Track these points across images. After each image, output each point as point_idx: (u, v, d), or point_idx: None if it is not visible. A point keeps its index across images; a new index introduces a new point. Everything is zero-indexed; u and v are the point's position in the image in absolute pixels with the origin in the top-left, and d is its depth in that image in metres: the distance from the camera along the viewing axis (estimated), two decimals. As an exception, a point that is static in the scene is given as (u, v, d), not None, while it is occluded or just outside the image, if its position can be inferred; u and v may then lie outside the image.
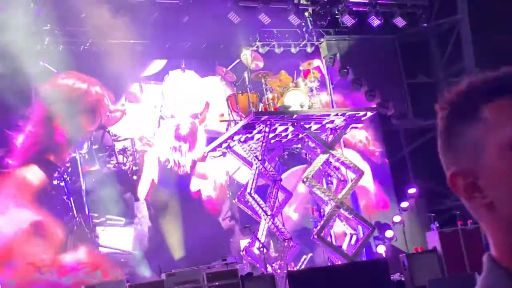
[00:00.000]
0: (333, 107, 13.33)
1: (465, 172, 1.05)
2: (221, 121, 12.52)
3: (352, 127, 12.24)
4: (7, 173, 12.32)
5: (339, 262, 11.42)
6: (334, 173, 12.41)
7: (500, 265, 1.04)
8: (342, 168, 12.46)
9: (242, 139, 11.83)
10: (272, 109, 11.54)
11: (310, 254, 13.17)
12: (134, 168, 13.83)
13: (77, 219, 12.82)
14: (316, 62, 13.15)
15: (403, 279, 11.90)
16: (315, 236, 11.39)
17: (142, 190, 13.62)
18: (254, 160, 11.64)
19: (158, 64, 14.41)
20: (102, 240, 12.99)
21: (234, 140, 11.97)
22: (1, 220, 11.98)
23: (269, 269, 10.88)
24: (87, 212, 12.86)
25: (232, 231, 14.08)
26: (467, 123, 1.07)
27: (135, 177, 13.78)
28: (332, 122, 11.99)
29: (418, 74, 16.40)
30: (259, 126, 11.39)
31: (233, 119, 11.88)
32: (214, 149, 12.71)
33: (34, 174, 12.59)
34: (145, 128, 14.02)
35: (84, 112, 13.18)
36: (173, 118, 14.24)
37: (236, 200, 12.47)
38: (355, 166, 12.10)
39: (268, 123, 11.32)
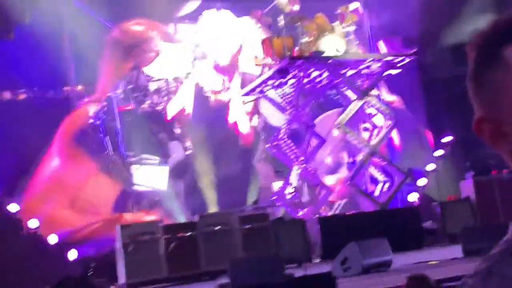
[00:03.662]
0: (370, 52, 13.08)
1: (491, 117, 1.03)
2: (256, 64, 12.40)
3: (388, 73, 12.04)
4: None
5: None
6: (368, 119, 12.29)
7: None
8: (378, 115, 12.31)
9: (275, 84, 11.74)
10: (307, 54, 11.38)
11: (345, 200, 13.16)
12: (166, 109, 13.92)
13: (113, 157, 13.04)
14: (354, 5, 12.81)
15: (435, 227, 11.88)
16: (348, 183, 11.39)
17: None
18: (287, 105, 11.57)
19: (192, 4, 14.25)
20: (137, 178, 13.21)
21: (267, 85, 11.88)
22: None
23: (300, 214, 10.94)
24: (122, 151, 13.06)
25: (264, 174, 14.12)
26: (491, 66, 1.04)
27: (169, 117, 13.89)
28: (368, 67, 11.79)
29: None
30: (294, 71, 11.27)
31: (267, 63, 11.75)
32: (247, 94, 12.66)
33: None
34: (179, 68, 14.01)
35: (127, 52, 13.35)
36: (209, 56, 14.16)
37: (268, 145, 12.48)
38: (390, 113, 11.95)
39: (302, 68, 11.19)
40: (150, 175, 13.43)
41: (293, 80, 11.54)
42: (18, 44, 11.78)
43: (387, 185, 12.10)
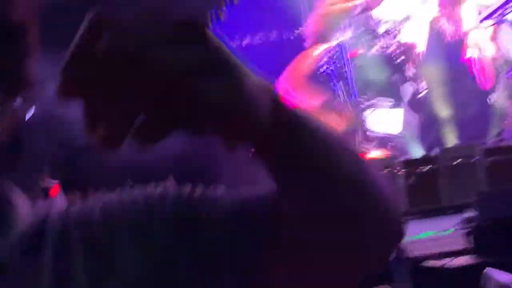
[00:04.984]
0: None
1: None
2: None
3: None
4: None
5: None
6: None
7: None
8: None
9: (520, 6, 10.82)
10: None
11: None
12: (398, 50, 13.66)
13: (346, 104, 13.18)
14: None
15: None
16: None
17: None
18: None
19: None
20: (370, 123, 13.18)
21: (508, 8, 10.99)
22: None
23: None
24: (354, 97, 13.12)
25: (506, 112, 13.23)
26: None
27: (398, 60, 13.60)
28: None
29: None
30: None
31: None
32: (486, 18, 11.84)
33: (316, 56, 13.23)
34: (408, 8, 13.58)
35: None
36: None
37: (508, 75, 11.60)
38: None
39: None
40: (384, 119, 13.36)
41: (540, -1, 10.52)
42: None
43: None
